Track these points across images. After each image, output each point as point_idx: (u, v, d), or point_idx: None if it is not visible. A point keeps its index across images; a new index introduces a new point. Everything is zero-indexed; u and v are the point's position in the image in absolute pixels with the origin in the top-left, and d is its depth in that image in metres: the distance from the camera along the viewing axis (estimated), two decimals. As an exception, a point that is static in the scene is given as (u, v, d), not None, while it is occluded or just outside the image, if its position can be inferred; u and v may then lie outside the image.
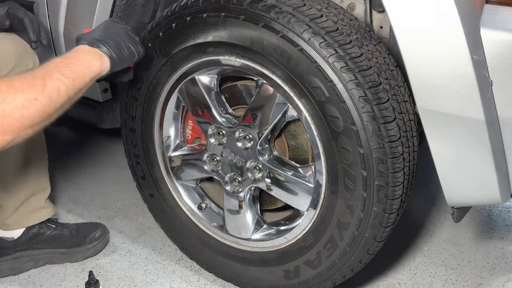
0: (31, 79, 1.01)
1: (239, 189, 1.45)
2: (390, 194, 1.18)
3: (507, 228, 1.85)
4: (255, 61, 1.24)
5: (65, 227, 1.73)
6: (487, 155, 1.12)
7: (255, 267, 1.48)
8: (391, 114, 1.15)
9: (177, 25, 1.33)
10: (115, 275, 1.66)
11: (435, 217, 1.92)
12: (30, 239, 1.67)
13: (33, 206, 1.66)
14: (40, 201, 1.67)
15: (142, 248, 1.78)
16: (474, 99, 1.07)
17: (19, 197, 1.62)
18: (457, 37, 1.03)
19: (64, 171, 2.25)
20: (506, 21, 1.07)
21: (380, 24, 1.38)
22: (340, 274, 1.33)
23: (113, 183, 2.18)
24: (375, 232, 1.23)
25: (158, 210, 1.64)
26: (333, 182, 1.23)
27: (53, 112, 1.04)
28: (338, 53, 1.13)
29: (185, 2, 1.31)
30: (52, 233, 1.69)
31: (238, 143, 1.39)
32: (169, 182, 1.57)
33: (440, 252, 1.73)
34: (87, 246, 1.71)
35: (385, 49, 1.24)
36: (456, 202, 1.25)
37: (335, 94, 1.14)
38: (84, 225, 1.79)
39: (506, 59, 1.04)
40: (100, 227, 1.77)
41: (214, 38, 1.28)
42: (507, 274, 1.62)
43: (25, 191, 1.63)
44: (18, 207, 1.63)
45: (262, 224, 1.47)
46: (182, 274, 1.66)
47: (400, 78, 1.22)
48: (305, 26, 1.14)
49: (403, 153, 1.18)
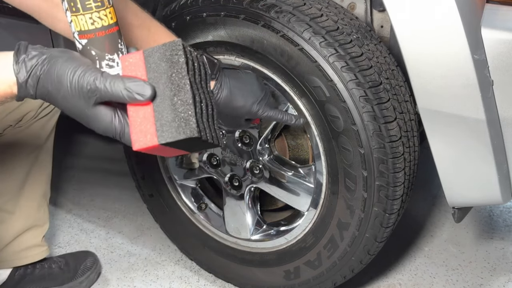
0: None
1: (239, 189, 1.45)
2: (390, 195, 1.18)
3: (508, 228, 1.85)
4: (255, 61, 1.24)
5: (53, 262, 1.57)
6: (488, 155, 1.12)
7: (255, 268, 1.47)
8: (391, 114, 1.15)
9: (176, 25, 1.32)
10: (114, 275, 1.65)
11: (435, 217, 1.92)
12: (18, 282, 1.50)
13: (28, 243, 1.48)
14: (36, 238, 1.50)
15: (141, 249, 1.78)
16: (475, 99, 1.06)
17: (13, 230, 1.45)
18: (458, 36, 1.02)
19: (63, 171, 2.25)
20: (507, 20, 1.06)
21: (380, 23, 1.38)
22: (341, 274, 1.33)
23: (112, 184, 2.18)
24: (376, 232, 1.23)
25: (158, 211, 1.63)
26: (334, 182, 1.23)
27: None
28: (339, 52, 1.12)
29: (184, 2, 1.31)
30: (40, 272, 1.53)
31: (238, 143, 1.39)
32: (168, 182, 1.57)
33: (441, 252, 1.73)
34: (79, 279, 1.56)
35: (385, 48, 1.24)
36: (457, 202, 1.25)
37: (336, 93, 1.13)
38: (72, 255, 1.63)
39: (507, 58, 1.04)
40: (90, 255, 1.63)
41: (214, 38, 1.27)
42: (507, 275, 1.62)
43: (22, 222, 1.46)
44: (10, 242, 1.45)
45: (262, 225, 1.47)
46: (181, 274, 1.65)
47: (400, 78, 1.22)
48: (305, 26, 1.14)
49: (403, 153, 1.18)
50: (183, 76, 0.71)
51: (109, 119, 0.73)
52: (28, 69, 0.71)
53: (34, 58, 0.72)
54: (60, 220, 1.94)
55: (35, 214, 1.49)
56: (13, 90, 0.73)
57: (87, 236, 1.86)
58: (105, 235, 1.86)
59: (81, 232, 1.88)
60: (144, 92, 0.70)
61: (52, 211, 1.95)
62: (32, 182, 1.46)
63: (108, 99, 0.72)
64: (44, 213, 1.52)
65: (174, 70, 0.72)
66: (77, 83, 0.71)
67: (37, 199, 1.49)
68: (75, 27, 0.74)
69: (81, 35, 0.74)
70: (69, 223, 1.93)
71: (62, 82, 0.71)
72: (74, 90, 0.71)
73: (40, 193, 1.50)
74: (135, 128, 0.72)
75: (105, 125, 0.74)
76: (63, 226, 1.91)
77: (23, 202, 1.46)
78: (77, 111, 0.73)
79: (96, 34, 0.74)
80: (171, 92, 0.71)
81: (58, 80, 0.71)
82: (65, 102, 0.72)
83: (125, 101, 0.72)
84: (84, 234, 1.87)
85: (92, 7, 0.72)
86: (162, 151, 0.75)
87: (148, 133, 0.71)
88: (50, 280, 1.54)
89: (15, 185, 1.44)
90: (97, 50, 0.75)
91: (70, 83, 0.71)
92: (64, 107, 0.74)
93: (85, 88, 0.71)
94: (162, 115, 0.70)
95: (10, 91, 0.73)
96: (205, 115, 0.75)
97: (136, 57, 0.73)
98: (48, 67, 0.71)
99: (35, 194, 1.48)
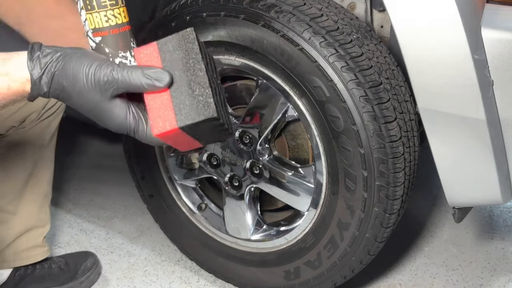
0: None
1: (239, 189, 1.44)
2: (391, 195, 1.18)
3: (508, 228, 1.85)
4: (255, 61, 1.24)
5: (53, 262, 1.56)
6: (488, 155, 1.12)
7: (255, 268, 1.47)
8: (392, 114, 1.15)
9: (176, 24, 1.32)
10: (114, 276, 1.65)
11: (436, 217, 1.91)
12: (18, 282, 1.50)
13: (29, 243, 1.48)
14: (37, 238, 1.49)
15: (141, 249, 1.78)
16: (475, 99, 1.06)
17: (15, 230, 1.45)
18: (458, 36, 1.02)
19: (63, 171, 2.25)
20: (507, 20, 1.06)
21: (380, 23, 1.38)
22: (341, 274, 1.33)
23: (112, 184, 2.18)
24: (376, 232, 1.23)
25: (158, 211, 1.63)
26: (334, 182, 1.23)
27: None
28: (339, 52, 1.12)
29: (184, 1, 1.31)
30: (40, 272, 1.52)
31: (238, 143, 1.39)
32: (168, 183, 1.57)
33: (441, 252, 1.73)
34: (80, 279, 1.55)
35: (385, 48, 1.24)
36: (457, 202, 1.25)
37: (336, 93, 1.13)
38: (72, 256, 1.63)
39: (507, 58, 1.04)
40: (90, 255, 1.63)
41: (214, 38, 1.27)
42: (508, 275, 1.62)
43: (23, 223, 1.46)
44: (11, 242, 1.45)
45: (262, 225, 1.46)
46: (181, 274, 1.65)
47: (401, 78, 1.22)
48: (305, 26, 1.14)
49: (404, 153, 1.17)
50: (198, 61, 0.73)
51: (123, 114, 0.73)
52: (42, 66, 0.71)
53: (48, 55, 0.72)
54: (60, 220, 1.94)
55: (37, 215, 1.49)
56: (26, 88, 0.73)
57: (87, 236, 1.86)
58: (105, 235, 1.86)
59: (81, 232, 1.88)
60: (163, 78, 0.71)
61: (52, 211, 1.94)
62: (34, 183, 1.46)
63: (126, 89, 0.72)
64: (45, 214, 1.52)
65: (189, 57, 0.73)
66: (93, 75, 0.71)
67: (38, 200, 1.49)
68: (90, 25, 0.75)
69: (95, 33, 0.75)
70: (69, 223, 1.93)
71: (78, 76, 0.71)
72: (90, 84, 0.71)
73: (42, 194, 1.49)
74: (154, 114, 0.73)
75: (120, 120, 0.74)
76: (63, 226, 1.91)
77: (25, 203, 1.46)
78: (92, 107, 0.73)
79: (110, 32, 0.75)
80: (188, 78, 0.73)
81: (73, 75, 0.71)
82: (80, 98, 0.72)
83: (143, 90, 0.72)
84: (84, 234, 1.87)
85: (107, 5, 0.75)
86: (179, 139, 0.76)
87: (167, 118, 0.72)
88: (50, 280, 1.53)
89: (17, 186, 1.44)
90: (110, 47, 0.76)
91: (86, 77, 0.71)
92: (79, 104, 0.73)
93: (102, 80, 0.71)
94: (180, 100, 0.72)
95: (23, 89, 0.73)
96: (218, 101, 0.76)
97: (150, 49, 0.75)
98: (63, 63, 0.71)
99: (37, 195, 1.48)
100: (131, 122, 0.74)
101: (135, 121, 0.75)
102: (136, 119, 0.75)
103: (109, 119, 0.74)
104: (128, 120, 0.74)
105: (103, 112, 0.73)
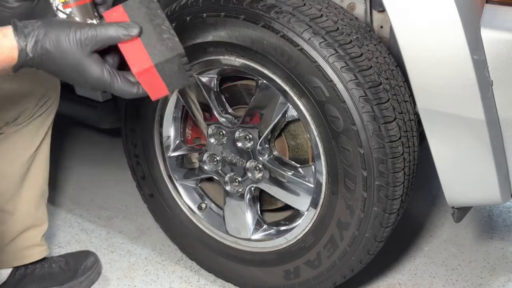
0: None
1: (239, 189, 1.45)
2: (390, 194, 1.18)
3: (508, 228, 1.85)
4: (255, 61, 1.24)
5: (53, 262, 1.57)
6: (488, 155, 1.12)
7: (255, 267, 1.47)
8: (391, 114, 1.15)
9: (176, 25, 1.33)
10: (114, 275, 1.66)
11: (435, 217, 1.92)
12: (18, 281, 1.50)
13: (28, 243, 1.49)
14: (35, 237, 1.50)
15: (141, 248, 1.78)
16: (475, 99, 1.06)
17: (13, 230, 1.45)
18: (458, 37, 1.02)
19: (64, 171, 2.25)
20: (507, 21, 1.07)
21: (380, 24, 1.38)
22: (341, 274, 1.33)
23: (112, 183, 2.18)
24: (376, 232, 1.23)
25: (158, 210, 1.63)
26: (333, 182, 1.23)
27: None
28: (338, 53, 1.12)
29: (185, 2, 1.31)
30: (40, 272, 1.52)
31: (238, 143, 1.39)
32: (168, 182, 1.57)
33: (441, 252, 1.73)
34: (80, 279, 1.56)
35: (385, 49, 1.24)
36: (457, 202, 1.25)
37: (335, 94, 1.14)
38: (73, 255, 1.63)
39: (507, 59, 1.04)
40: (90, 255, 1.63)
41: (214, 38, 1.27)
42: (507, 274, 1.62)
43: (21, 222, 1.46)
44: (10, 242, 1.46)
45: (262, 224, 1.47)
46: (182, 274, 1.66)
47: (400, 78, 1.22)
48: (305, 26, 1.14)
49: (403, 153, 1.18)
50: (161, 12, 0.88)
51: (100, 69, 0.84)
52: (26, 34, 0.81)
53: (30, 25, 0.82)
54: (61, 220, 1.94)
55: (34, 214, 1.49)
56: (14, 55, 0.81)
57: (87, 236, 1.86)
58: (105, 235, 1.86)
59: (81, 232, 1.88)
60: (134, 26, 0.84)
61: (52, 211, 1.96)
62: (30, 182, 1.46)
63: (103, 42, 0.83)
64: (43, 213, 1.52)
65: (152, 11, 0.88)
66: (74, 34, 0.82)
67: (35, 198, 1.49)
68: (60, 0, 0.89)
69: (65, 5, 0.88)
70: (70, 223, 1.93)
71: (60, 38, 0.81)
72: (72, 42, 0.81)
73: (39, 192, 1.50)
74: (131, 58, 0.86)
75: (97, 75, 0.84)
76: (63, 226, 1.91)
77: (22, 202, 1.46)
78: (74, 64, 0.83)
79: (78, 3, 0.89)
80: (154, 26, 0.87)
81: (56, 38, 0.81)
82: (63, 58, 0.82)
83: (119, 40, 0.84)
84: (85, 233, 1.87)
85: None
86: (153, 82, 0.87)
87: (143, 59, 0.85)
88: (50, 280, 1.54)
89: (14, 185, 1.44)
90: (79, 16, 0.89)
91: (68, 37, 0.81)
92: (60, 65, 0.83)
93: (82, 37, 0.82)
94: (151, 45, 0.86)
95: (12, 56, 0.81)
96: None
97: (118, 11, 0.88)
98: (45, 30, 0.81)
99: (34, 193, 1.48)
100: (107, 76, 0.85)
101: (110, 76, 0.85)
102: (111, 74, 0.85)
103: (88, 75, 0.84)
104: (104, 73, 0.84)
105: (82, 68, 0.83)
